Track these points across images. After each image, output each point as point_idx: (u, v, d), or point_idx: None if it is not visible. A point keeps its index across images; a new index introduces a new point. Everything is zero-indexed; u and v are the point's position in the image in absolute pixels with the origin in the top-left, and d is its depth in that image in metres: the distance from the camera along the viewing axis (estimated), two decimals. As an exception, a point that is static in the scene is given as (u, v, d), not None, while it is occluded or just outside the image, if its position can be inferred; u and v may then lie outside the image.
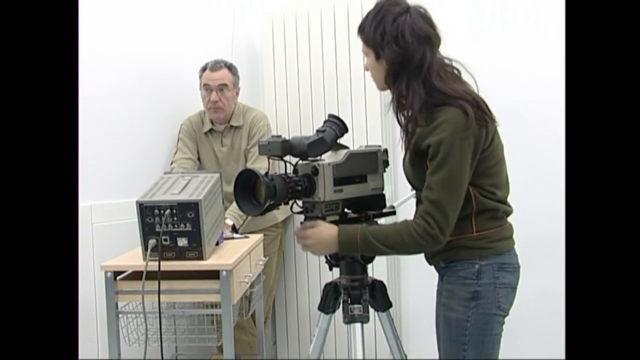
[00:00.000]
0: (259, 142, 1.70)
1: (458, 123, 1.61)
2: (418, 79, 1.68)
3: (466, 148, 1.61)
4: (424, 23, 1.71)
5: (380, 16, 1.73)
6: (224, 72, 3.01)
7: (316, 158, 1.72)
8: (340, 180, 1.73)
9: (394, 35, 1.69)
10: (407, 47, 1.68)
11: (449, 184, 1.61)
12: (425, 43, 1.69)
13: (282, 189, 1.63)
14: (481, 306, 1.68)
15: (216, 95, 2.98)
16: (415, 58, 1.68)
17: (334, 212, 1.72)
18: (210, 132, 3.08)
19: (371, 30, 1.73)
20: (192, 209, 2.06)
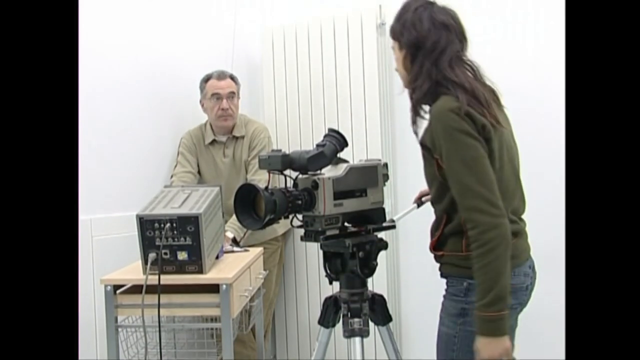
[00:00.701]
0: (259, 156, 1.72)
1: (450, 109, 1.61)
2: (430, 63, 1.71)
3: (465, 128, 1.60)
4: (444, 14, 1.76)
5: (404, 10, 1.81)
6: (230, 81, 3.06)
7: (316, 172, 1.74)
8: (340, 194, 1.75)
9: (412, 21, 1.76)
10: (422, 30, 1.73)
11: (466, 172, 1.59)
12: (442, 29, 1.73)
13: (282, 203, 1.64)
14: (468, 323, 1.66)
15: (227, 102, 3.01)
16: (429, 40, 1.72)
17: (334, 226, 1.73)
18: (212, 144, 3.10)
19: (395, 21, 1.81)
20: (192, 222, 2.08)
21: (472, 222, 1.59)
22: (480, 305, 1.58)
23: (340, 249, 1.78)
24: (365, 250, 1.78)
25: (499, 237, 1.56)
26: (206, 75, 3.08)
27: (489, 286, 1.56)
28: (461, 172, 1.59)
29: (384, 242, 1.84)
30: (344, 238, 1.76)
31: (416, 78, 1.72)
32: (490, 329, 1.57)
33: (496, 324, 1.57)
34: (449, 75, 1.68)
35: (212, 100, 3.03)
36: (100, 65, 2.67)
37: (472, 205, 1.58)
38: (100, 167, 2.64)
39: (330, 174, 1.75)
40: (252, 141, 3.07)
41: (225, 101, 3.01)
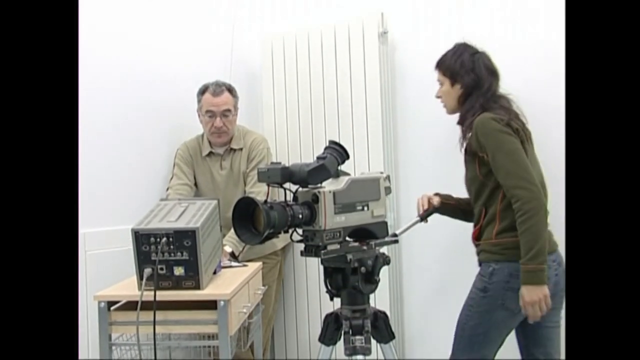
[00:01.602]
0: (258, 169, 1.73)
1: (492, 118, 2.24)
2: (483, 100, 2.34)
3: (505, 129, 2.21)
4: (489, 61, 2.42)
5: (460, 52, 2.43)
6: (227, 97, 3.04)
7: (317, 185, 1.74)
8: (342, 208, 1.75)
9: (471, 66, 2.40)
10: (481, 75, 2.38)
11: (508, 160, 2.18)
12: (493, 76, 2.39)
13: (281, 217, 1.65)
14: (487, 298, 2.23)
15: (220, 121, 3.01)
16: (485, 85, 2.37)
17: (335, 240, 1.74)
18: (209, 155, 3.11)
19: (452, 61, 2.42)
20: (189, 237, 2.08)
21: (516, 196, 2.14)
22: (525, 260, 2.09)
23: (341, 264, 1.78)
24: (367, 266, 1.78)
25: (537, 206, 2.12)
26: (203, 86, 3.07)
27: (531, 245, 2.09)
28: (504, 160, 2.18)
29: (387, 257, 1.84)
30: (346, 253, 1.77)
31: (467, 111, 2.35)
32: (532, 278, 2.09)
33: (537, 274, 2.09)
34: (493, 105, 2.32)
35: (206, 117, 3.04)
36: (94, 72, 2.67)
37: (515, 184, 2.15)
38: (94, 179, 2.64)
39: (331, 187, 1.75)
40: (250, 153, 3.08)
41: (219, 119, 3.01)
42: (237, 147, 3.10)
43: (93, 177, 2.64)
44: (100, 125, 2.71)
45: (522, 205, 2.12)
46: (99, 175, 2.69)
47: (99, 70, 2.70)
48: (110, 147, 2.75)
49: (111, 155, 2.76)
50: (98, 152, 2.68)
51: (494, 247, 2.25)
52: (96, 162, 2.67)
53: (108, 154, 2.74)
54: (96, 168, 2.67)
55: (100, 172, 2.70)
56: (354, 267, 1.77)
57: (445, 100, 2.47)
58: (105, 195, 2.71)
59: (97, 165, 2.67)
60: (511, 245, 2.18)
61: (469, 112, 2.35)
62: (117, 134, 2.81)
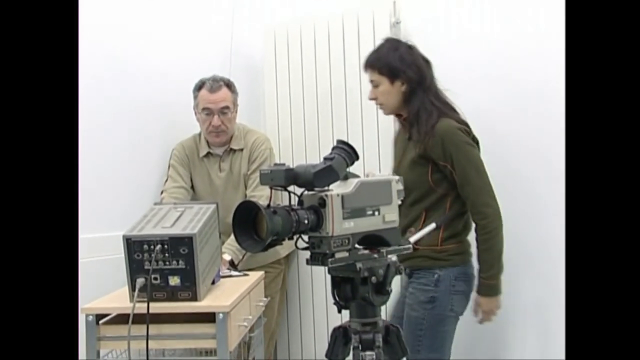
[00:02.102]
0: (260, 170, 1.72)
1: (458, 128, 2.45)
2: (430, 96, 2.51)
3: (471, 142, 2.46)
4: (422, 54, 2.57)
5: (395, 46, 2.55)
6: (225, 93, 3.04)
7: (323, 188, 1.74)
8: (351, 213, 1.75)
9: (411, 59, 2.52)
10: (422, 68, 2.52)
11: (478, 176, 2.42)
12: (429, 68, 2.56)
13: (286, 222, 1.65)
14: (436, 308, 2.42)
15: (218, 119, 3.02)
16: (428, 78, 2.52)
17: (343, 248, 1.73)
18: (207, 156, 3.12)
19: (390, 57, 2.52)
20: (185, 244, 2.09)
21: (483, 214, 2.41)
22: (486, 276, 2.42)
23: (350, 274, 1.77)
24: (378, 275, 1.78)
25: (500, 224, 2.41)
26: (199, 82, 3.08)
27: (493, 262, 2.41)
28: (476, 177, 2.42)
29: (399, 265, 1.83)
30: (355, 261, 1.76)
31: (418, 110, 2.50)
32: (491, 291, 2.44)
33: (496, 288, 2.45)
34: (444, 106, 2.51)
35: (202, 114, 3.05)
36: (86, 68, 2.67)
37: (484, 202, 2.41)
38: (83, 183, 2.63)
39: (339, 191, 1.75)
40: (251, 153, 3.08)
41: (217, 117, 3.02)
42: (237, 148, 3.10)
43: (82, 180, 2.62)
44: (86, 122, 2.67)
45: (488, 224, 2.40)
46: (86, 178, 2.62)
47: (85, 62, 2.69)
48: (97, 147, 2.74)
49: (99, 156, 2.76)
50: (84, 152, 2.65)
51: (439, 253, 2.46)
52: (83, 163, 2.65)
53: (95, 155, 2.73)
54: (82, 170, 2.65)
55: (87, 174, 2.66)
56: (363, 276, 1.76)
57: (385, 100, 2.58)
58: (94, 199, 2.70)
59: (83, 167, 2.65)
60: (456, 250, 2.46)
61: (422, 112, 2.49)
62: (105, 132, 2.81)
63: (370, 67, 2.58)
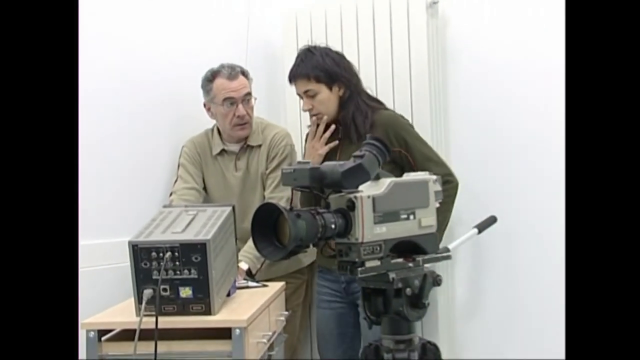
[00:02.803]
0: (282, 169, 1.73)
1: (400, 116, 2.95)
2: (362, 97, 2.91)
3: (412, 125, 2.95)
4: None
5: (325, 52, 2.91)
6: (242, 78, 3.06)
7: (353, 189, 1.74)
8: (383, 217, 1.75)
9: (344, 64, 2.91)
10: (353, 70, 2.95)
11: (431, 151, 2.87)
12: (356, 71, 2.98)
13: (310, 227, 1.65)
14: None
15: (243, 108, 3.03)
16: (359, 80, 2.95)
17: (374, 255, 1.73)
18: (221, 154, 3.13)
19: (326, 63, 2.85)
20: (198, 251, 2.10)
21: (449, 181, 2.79)
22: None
23: (382, 285, 1.77)
24: (413, 287, 1.78)
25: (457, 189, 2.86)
26: (210, 72, 3.07)
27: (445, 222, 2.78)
28: (431, 152, 2.86)
29: (437, 276, 1.83)
30: (387, 271, 1.76)
31: (354, 113, 2.85)
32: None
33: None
34: (373, 102, 2.96)
35: (224, 106, 3.04)
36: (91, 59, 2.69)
37: (448, 172, 2.83)
38: (83, 183, 2.65)
39: (370, 192, 1.75)
40: (271, 150, 3.09)
41: (242, 107, 3.03)
42: (255, 144, 3.11)
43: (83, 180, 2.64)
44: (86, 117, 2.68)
45: (451, 190, 2.80)
46: (89, 178, 2.67)
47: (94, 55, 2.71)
48: (99, 144, 2.76)
49: (101, 154, 2.77)
50: (86, 150, 2.66)
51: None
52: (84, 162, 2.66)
53: (97, 153, 2.75)
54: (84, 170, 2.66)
55: (90, 174, 2.68)
56: (397, 288, 1.76)
57: (325, 109, 2.88)
58: (97, 201, 2.72)
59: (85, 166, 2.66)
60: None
61: (357, 113, 2.85)
62: (107, 128, 2.82)
63: (304, 78, 2.86)
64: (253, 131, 3.12)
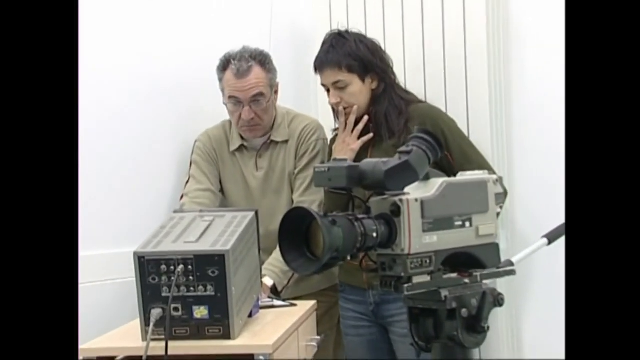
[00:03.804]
0: (315, 168, 1.73)
1: (441, 112, 3.00)
2: (396, 90, 2.95)
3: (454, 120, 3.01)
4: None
5: (357, 40, 2.89)
6: (256, 75, 3.04)
7: (398, 191, 1.74)
8: (433, 224, 1.74)
9: (379, 55, 2.93)
10: (387, 64, 2.97)
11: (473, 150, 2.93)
12: (390, 62, 3.01)
13: (348, 236, 1.64)
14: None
15: (250, 111, 3.02)
16: (393, 73, 3.00)
17: (424, 269, 1.73)
18: (241, 150, 3.14)
19: (360, 52, 2.86)
20: (215, 263, 2.10)
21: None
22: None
23: (433, 305, 1.76)
24: (470, 307, 1.77)
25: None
26: (224, 58, 3.08)
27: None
28: (474, 154, 2.90)
29: (499, 295, 1.82)
30: (439, 288, 1.76)
31: (387, 108, 2.89)
32: None
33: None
34: (408, 95, 3.00)
35: (229, 104, 3.07)
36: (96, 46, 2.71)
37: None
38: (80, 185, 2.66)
39: (419, 194, 1.74)
40: (300, 146, 3.11)
41: (248, 109, 3.03)
42: (281, 139, 3.12)
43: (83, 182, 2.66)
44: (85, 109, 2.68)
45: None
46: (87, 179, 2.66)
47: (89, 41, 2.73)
48: (102, 139, 2.79)
49: (104, 150, 2.79)
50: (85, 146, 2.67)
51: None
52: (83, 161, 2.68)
53: (99, 149, 2.77)
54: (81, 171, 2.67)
55: (89, 175, 2.69)
56: (451, 308, 1.75)
57: (356, 101, 2.90)
58: (97, 207, 2.74)
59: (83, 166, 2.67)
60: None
61: (391, 109, 2.89)
62: (108, 121, 2.85)
63: (334, 67, 2.85)
64: (278, 124, 3.13)
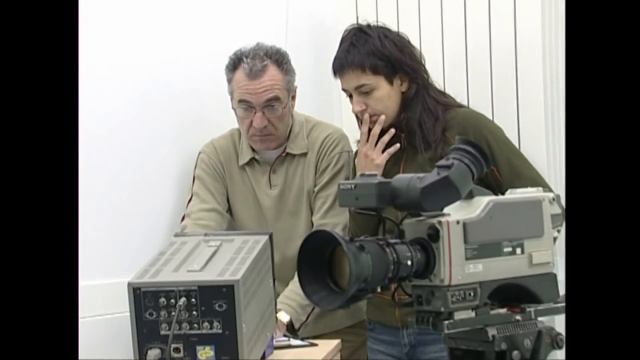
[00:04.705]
0: (340, 185, 1.72)
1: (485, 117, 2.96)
2: (430, 92, 2.91)
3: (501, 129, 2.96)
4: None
5: (383, 33, 2.86)
6: (272, 75, 3.03)
7: (436, 212, 1.73)
8: (478, 250, 1.74)
9: (408, 51, 2.88)
10: (418, 61, 2.93)
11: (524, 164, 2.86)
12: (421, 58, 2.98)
13: (378, 264, 1.64)
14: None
15: (262, 118, 3.01)
16: (426, 71, 2.96)
17: (467, 303, 1.72)
18: (251, 165, 3.13)
19: (385, 49, 2.80)
20: (223, 296, 2.10)
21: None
22: None
23: (478, 345, 1.77)
24: (523, 349, 1.76)
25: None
26: (234, 58, 3.08)
27: None
28: (522, 164, 2.84)
29: (558, 334, 1.81)
30: (486, 326, 1.75)
31: (421, 113, 2.84)
32: None
33: None
34: (445, 97, 2.96)
35: (239, 109, 3.06)
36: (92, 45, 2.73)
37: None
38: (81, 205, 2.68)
39: (461, 215, 1.74)
40: (320, 159, 3.11)
41: (261, 116, 3.01)
42: (299, 152, 3.11)
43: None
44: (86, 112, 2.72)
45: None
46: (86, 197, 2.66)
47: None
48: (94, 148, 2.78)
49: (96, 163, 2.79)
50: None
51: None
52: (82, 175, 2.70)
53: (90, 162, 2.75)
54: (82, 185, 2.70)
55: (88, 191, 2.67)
56: (500, 350, 1.75)
57: (384, 109, 2.86)
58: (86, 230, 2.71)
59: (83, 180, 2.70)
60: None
61: (425, 114, 2.85)
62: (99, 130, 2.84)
63: (357, 68, 2.81)
64: (295, 134, 3.12)
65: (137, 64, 3.02)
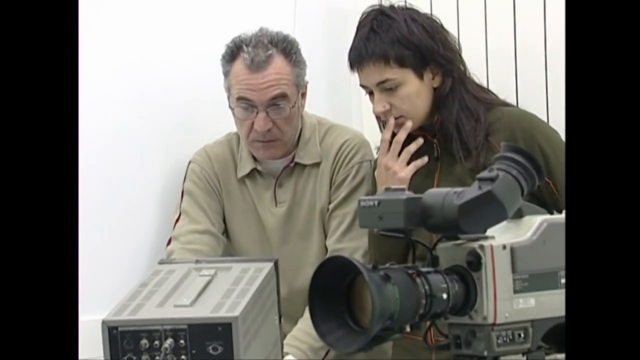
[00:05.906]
0: (360, 202, 1.72)
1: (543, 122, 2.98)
2: (468, 87, 2.90)
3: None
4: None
5: (408, 19, 2.82)
6: (277, 66, 3.03)
7: (477, 235, 1.74)
8: (529, 282, 1.74)
9: (440, 37, 2.87)
10: (453, 49, 2.93)
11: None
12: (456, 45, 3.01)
13: (407, 297, 1.64)
14: None
15: (266, 119, 3.00)
16: (462, 62, 2.95)
17: (516, 346, 1.73)
18: (252, 177, 3.14)
19: (413, 36, 2.79)
20: (218, 337, 2.10)
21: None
22: None
23: (530, 398, 1.77)
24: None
25: None
26: (232, 46, 3.08)
27: None
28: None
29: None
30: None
31: (457, 112, 2.83)
32: None
33: None
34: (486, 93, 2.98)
35: (238, 108, 3.05)
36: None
37: None
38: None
39: (507, 239, 1.75)
40: (336, 170, 3.11)
41: (264, 117, 3.00)
42: (310, 161, 3.12)
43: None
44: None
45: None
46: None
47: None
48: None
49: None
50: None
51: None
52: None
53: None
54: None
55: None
56: (556, 405, 1.76)
57: (412, 108, 2.86)
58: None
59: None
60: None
61: (463, 113, 2.84)
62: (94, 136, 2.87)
63: (379, 60, 2.78)
64: (306, 139, 3.12)
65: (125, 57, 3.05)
